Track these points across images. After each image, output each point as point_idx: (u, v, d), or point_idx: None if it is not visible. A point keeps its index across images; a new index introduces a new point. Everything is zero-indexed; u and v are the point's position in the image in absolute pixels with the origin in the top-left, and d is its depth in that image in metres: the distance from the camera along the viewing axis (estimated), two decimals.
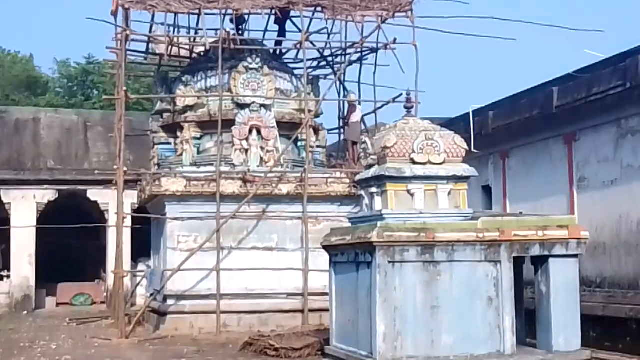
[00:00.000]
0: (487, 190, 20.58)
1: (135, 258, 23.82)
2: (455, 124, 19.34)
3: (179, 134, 18.52)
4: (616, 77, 15.47)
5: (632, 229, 15.31)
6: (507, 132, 19.17)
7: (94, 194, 24.63)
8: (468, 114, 19.99)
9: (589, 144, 16.72)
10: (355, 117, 18.87)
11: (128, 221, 18.36)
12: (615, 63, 15.87)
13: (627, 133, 15.63)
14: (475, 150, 18.13)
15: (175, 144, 18.76)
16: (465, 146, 11.10)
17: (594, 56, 17.38)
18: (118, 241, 17.29)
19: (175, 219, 17.10)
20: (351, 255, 10.77)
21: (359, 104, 19.46)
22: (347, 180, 17.39)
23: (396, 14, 18.32)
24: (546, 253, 10.36)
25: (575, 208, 16.78)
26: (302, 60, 19.17)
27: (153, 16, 19.16)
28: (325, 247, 11.60)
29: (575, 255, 10.47)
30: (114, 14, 17.88)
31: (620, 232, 15.61)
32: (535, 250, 10.36)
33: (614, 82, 15.50)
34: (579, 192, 16.92)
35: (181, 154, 18.31)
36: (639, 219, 15.17)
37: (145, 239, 20.79)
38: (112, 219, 22.22)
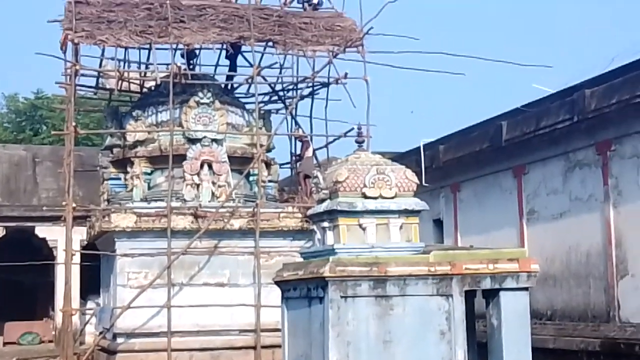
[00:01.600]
0: (438, 223, 20.70)
1: (85, 295, 23.44)
2: (406, 158, 19.49)
3: (129, 169, 18.36)
4: (564, 110, 15.72)
5: (582, 260, 15.49)
6: (458, 165, 19.35)
7: (42, 230, 24.23)
8: (419, 147, 20.15)
9: (538, 177, 16.93)
10: (309, 152, 18.89)
11: (77, 258, 18.11)
12: (562, 97, 16.15)
13: (575, 166, 15.87)
14: (426, 184, 18.27)
15: (126, 179, 18.59)
16: (417, 180, 11.14)
17: (542, 90, 17.66)
18: (67, 278, 17.01)
19: (125, 255, 16.88)
20: (303, 290, 10.70)
21: (311, 138, 19.50)
22: (300, 215, 17.36)
23: (347, 49, 18.44)
24: (497, 286, 10.39)
25: (525, 240, 16.94)
26: (253, 95, 19.20)
27: (103, 51, 19.06)
28: (277, 283, 11.50)
29: (526, 288, 10.51)
30: (63, 48, 17.74)
31: (570, 263, 15.78)
32: (487, 284, 10.38)
33: (561, 116, 15.76)
34: (529, 225, 17.09)
35: (131, 189, 18.13)
36: (588, 251, 15.35)
37: (94, 275, 20.49)
38: (60, 255, 21.85)
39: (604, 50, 40.50)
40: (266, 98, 21.04)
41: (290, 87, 20.81)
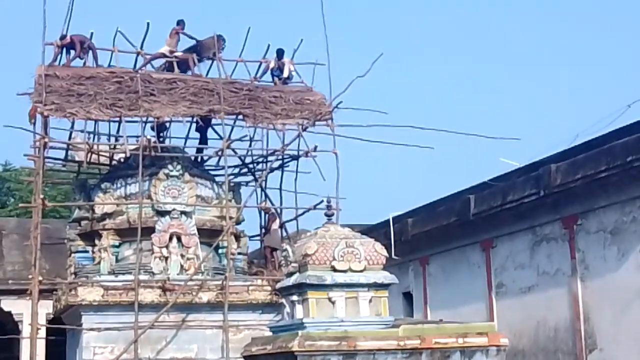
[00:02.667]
0: (408, 296, 20.70)
1: None
2: (375, 231, 19.56)
3: (97, 241, 18.21)
4: (530, 185, 15.94)
5: (550, 335, 15.53)
6: (427, 238, 19.46)
7: (7, 304, 23.77)
8: (388, 220, 20.24)
9: (505, 251, 17.07)
10: (275, 225, 18.88)
11: (43, 332, 17.79)
12: (529, 171, 16.38)
13: (542, 240, 16.02)
14: (395, 257, 18.32)
15: (93, 252, 18.42)
16: (386, 253, 11.20)
17: (510, 164, 17.88)
18: (32, 353, 16.69)
19: (92, 329, 16.63)
20: None
21: (280, 211, 19.52)
22: (269, 288, 17.25)
23: (316, 122, 18.60)
24: None
25: (494, 314, 16.98)
26: (223, 167, 19.21)
27: (73, 123, 19.06)
28: (245, 357, 11.42)
29: None
30: (32, 121, 17.73)
31: (539, 338, 15.81)
32: (456, 358, 10.41)
33: (528, 190, 15.96)
34: (498, 299, 17.15)
35: (99, 262, 17.95)
36: (556, 325, 15.41)
37: (60, 350, 20.12)
38: (26, 329, 21.46)
39: (569, 125, 41.21)
40: (236, 170, 21.08)
41: (260, 159, 20.89)
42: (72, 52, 18.43)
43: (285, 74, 19.39)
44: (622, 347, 13.88)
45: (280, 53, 19.25)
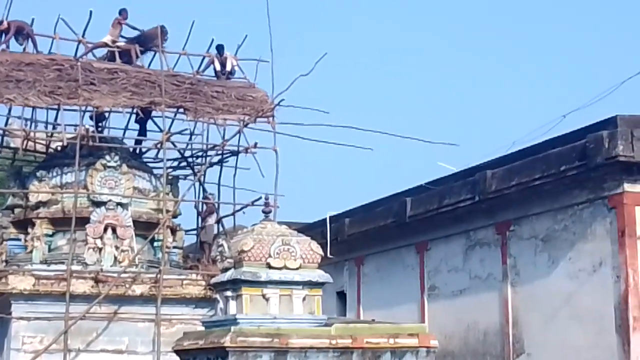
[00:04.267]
0: (342, 296, 20.83)
1: None
2: (312, 229, 19.62)
3: (30, 230, 17.95)
4: (466, 190, 16.17)
5: (479, 338, 15.78)
6: (363, 239, 19.60)
7: None
8: (325, 219, 20.33)
9: (440, 254, 17.29)
10: (212, 219, 18.84)
11: None
12: (465, 176, 16.61)
13: (476, 244, 16.27)
14: (331, 256, 18.42)
15: (26, 241, 18.14)
16: (321, 252, 11.27)
17: (447, 169, 18.10)
18: None
19: (21, 318, 16.39)
20: None
21: (218, 206, 19.47)
22: (203, 283, 17.20)
23: (258, 119, 18.60)
24: None
25: (426, 316, 17.19)
26: (162, 160, 19.10)
27: (10, 109, 18.76)
28: (177, 352, 11.38)
29: None
30: None
31: (469, 341, 16.06)
32: (387, 358, 10.52)
33: (463, 195, 16.19)
34: (430, 301, 17.37)
35: (31, 251, 17.70)
36: (486, 329, 15.67)
37: None
38: None
39: (506, 133, 41.86)
40: (175, 164, 20.96)
41: (200, 154, 20.80)
42: (5, 36, 18.13)
43: (228, 68, 19.35)
44: (549, 353, 14.18)
45: (220, 49, 19.22)
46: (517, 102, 49.99)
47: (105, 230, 17.23)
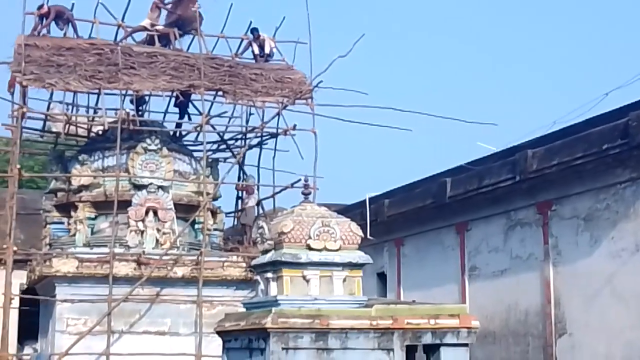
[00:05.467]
0: (382, 277, 20.83)
1: (22, 341, 22.93)
2: (351, 211, 19.62)
3: (72, 213, 18.18)
4: (506, 170, 16.04)
5: (520, 318, 15.70)
6: (402, 220, 19.56)
7: None
8: (364, 201, 20.31)
9: (480, 234, 17.19)
10: (251, 202, 18.92)
11: (16, 302, 17.77)
12: (505, 156, 16.48)
13: (516, 225, 16.16)
14: (370, 238, 18.40)
15: (69, 224, 18.39)
16: (361, 233, 11.26)
17: (487, 149, 17.98)
18: (4, 323, 16.67)
19: (65, 300, 16.64)
20: (245, 341, 10.67)
21: (258, 188, 19.55)
22: (244, 264, 17.32)
23: (296, 101, 18.62)
24: (438, 341, 10.50)
25: (466, 296, 17.13)
26: (201, 143, 19.21)
27: (51, 94, 18.97)
28: (218, 333, 11.46)
29: (466, 344, 10.64)
30: (11, 90, 17.63)
31: (509, 321, 15.98)
32: (427, 339, 10.48)
33: (504, 175, 16.08)
34: (470, 281, 17.30)
35: (74, 234, 17.94)
36: (527, 309, 15.58)
37: (33, 321, 20.10)
38: None
39: (547, 112, 41.44)
40: (214, 147, 21.07)
41: (239, 136, 20.89)
42: (45, 20, 18.30)
43: (267, 50, 19.36)
44: (591, 333, 14.08)
45: (254, 31, 19.25)
46: (558, 81, 49.47)
47: (146, 213, 17.40)
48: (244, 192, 19.52)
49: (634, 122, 12.96)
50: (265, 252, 11.20)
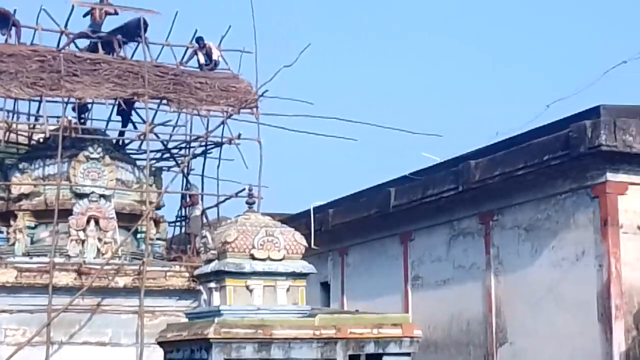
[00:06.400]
0: (325, 286, 20.85)
1: None
2: (296, 220, 19.61)
3: (12, 222, 17.84)
4: (449, 180, 16.19)
5: (463, 328, 15.83)
6: (347, 229, 19.61)
7: None
8: (309, 210, 20.32)
9: (423, 244, 17.32)
10: (196, 211, 18.80)
11: None
12: (449, 167, 16.64)
13: (459, 234, 16.31)
14: (315, 247, 18.41)
15: (8, 233, 18.04)
16: (305, 243, 11.27)
17: (431, 159, 18.12)
18: None
19: (4, 311, 16.31)
20: (187, 351, 10.59)
21: (202, 197, 19.43)
22: (187, 274, 17.16)
23: (242, 110, 18.56)
24: (380, 351, 10.55)
25: (409, 306, 17.23)
26: (145, 151, 19.03)
27: None
28: (160, 343, 11.35)
29: (409, 354, 10.70)
30: None
31: (452, 331, 16.11)
32: (370, 348, 10.52)
33: (447, 185, 16.22)
34: (414, 291, 17.41)
35: (13, 244, 17.61)
36: (469, 318, 15.71)
37: None
38: None
39: (490, 123, 41.94)
40: (158, 155, 20.89)
41: (183, 145, 20.74)
42: None
43: (215, 57, 19.28)
44: (532, 341, 14.24)
45: (199, 40, 19.18)
46: (501, 92, 50.14)
47: (88, 222, 17.15)
48: (190, 204, 19.41)
49: (574, 133, 13.18)
50: (209, 261, 11.14)
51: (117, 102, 18.99)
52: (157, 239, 18.72)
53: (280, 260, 10.84)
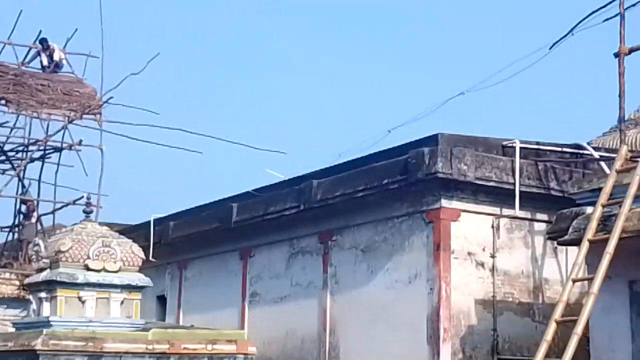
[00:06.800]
0: (162, 300, 20.56)
1: None
2: (135, 232, 19.29)
3: None
4: (292, 198, 16.33)
5: (297, 345, 15.98)
6: (187, 243, 19.43)
7: None
8: (149, 222, 20.04)
9: (263, 260, 17.38)
10: (31, 217, 18.21)
11: None
12: (292, 185, 16.77)
13: (299, 252, 16.48)
14: (153, 259, 18.16)
15: None
16: (143, 255, 11.15)
17: (275, 176, 18.20)
18: None
19: None
20: None
21: (38, 203, 18.83)
22: (17, 282, 16.58)
23: (84, 116, 18.16)
24: None
25: (246, 322, 17.23)
26: None
27: None
28: None
29: None
30: None
31: (286, 347, 16.23)
32: None
33: (289, 203, 16.35)
34: (251, 307, 17.43)
35: None
36: (304, 336, 15.88)
37: None
38: None
39: (335, 143, 42.65)
40: None
41: (21, 148, 20.05)
42: None
43: (56, 58, 18.79)
44: None
45: (43, 42, 18.68)
46: (346, 114, 51.07)
47: None
48: (25, 210, 18.78)
49: (412, 159, 13.58)
50: (41, 270, 10.83)
51: None
52: None
53: (116, 272, 10.68)
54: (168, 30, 54.37)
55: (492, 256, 13.75)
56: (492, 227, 13.84)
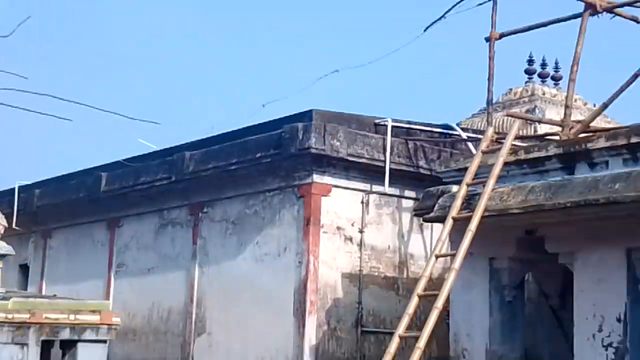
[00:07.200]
0: (25, 269, 20.04)
1: None
2: None
3: None
4: (163, 169, 16.15)
5: (163, 316, 15.88)
6: (53, 211, 18.97)
7: None
8: (14, 189, 19.46)
9: (131, 231, 17.16)
10: None
11: None
12: (165, 156, 16.58)
13: (168, 224, 16.34)
14: (16, 228, 17.66)
15: None
16: (5, 223, 10.83)
17: (148, 146, 17.91)
18: None
19: None
20: None
21: None
22: None
23: None
24: (76, 337, 10.40)
25: (111, 293, 16.99)
26: None
27: None
28: None
29: (105, 341, 10.61)
30: None
31: (152, 319, 16.11)
32: (65, 334, 10.34)
33: (160, 174, 16.16)
34: (117, 278, 17.21)
35: None
36: (170, 307, 15.80)
37: None
38: None
39: (209, 114, 42.34)
40: None
41: None
42: None
43: None
44: (230, 332, 14.55)
45: None
46: (222, 87, 50.75)
47: None
48: None
49: (286, 134, 13.63)
50: None
51: None
52: None
53: None
54: None
55: (361, 231, 13.98)
56: (362, 202, 14.07)
